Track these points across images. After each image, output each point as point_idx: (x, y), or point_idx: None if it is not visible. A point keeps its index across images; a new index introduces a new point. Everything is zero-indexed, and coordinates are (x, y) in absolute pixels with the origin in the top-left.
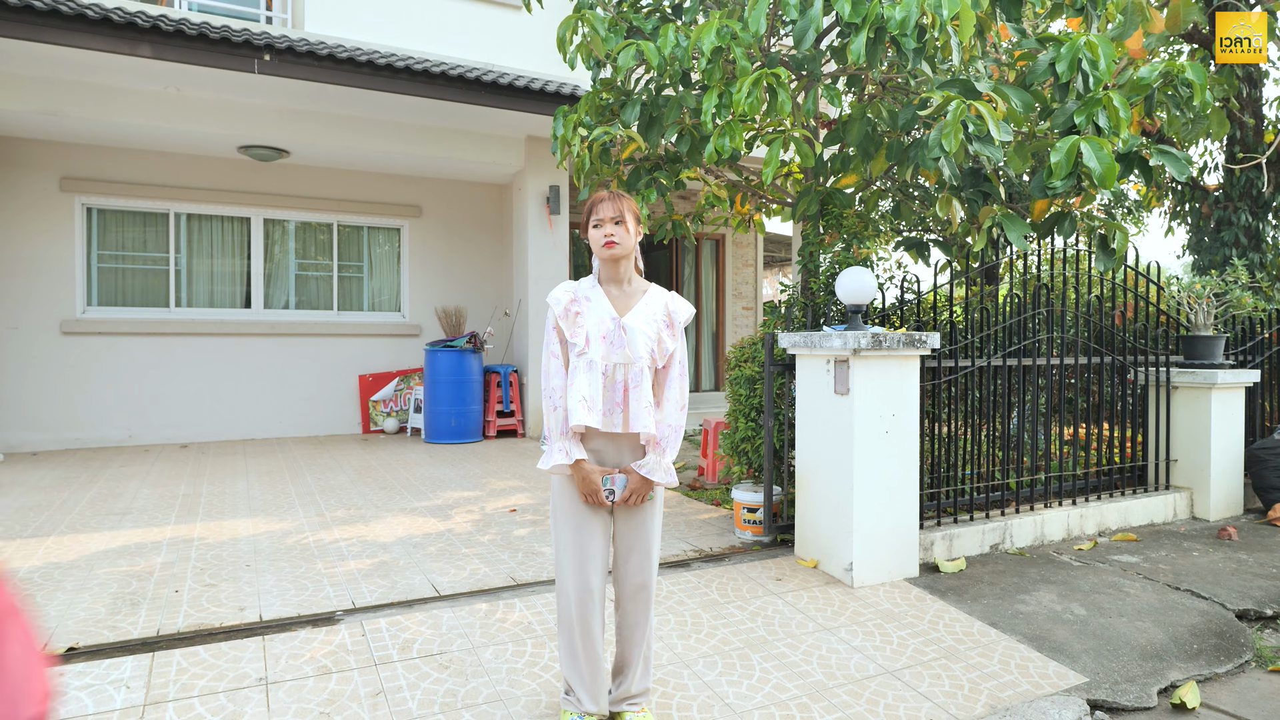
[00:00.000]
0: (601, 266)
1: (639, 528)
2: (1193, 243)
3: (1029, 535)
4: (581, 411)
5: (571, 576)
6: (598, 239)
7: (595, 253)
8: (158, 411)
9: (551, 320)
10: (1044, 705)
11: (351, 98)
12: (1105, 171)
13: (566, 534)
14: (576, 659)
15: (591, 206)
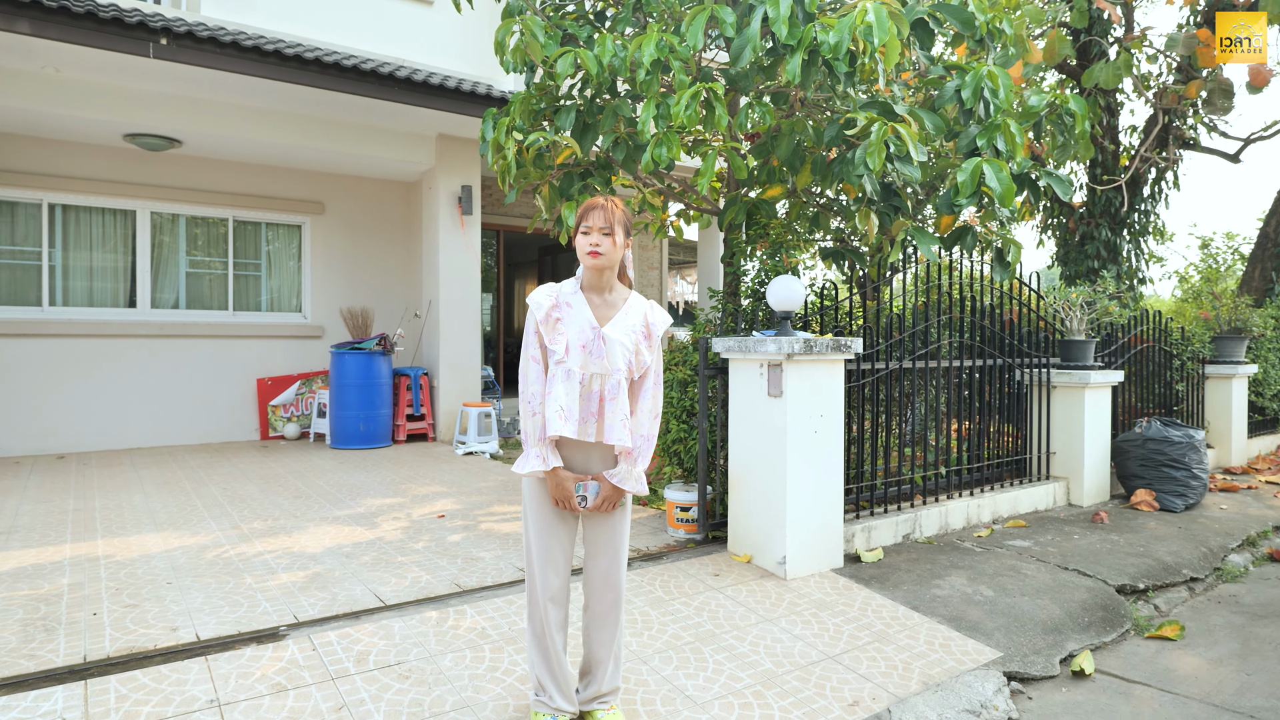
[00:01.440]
0: (585, 273)
1: (609, 531)
2: (1060, 255)
3: (935, 525)
4: (558, 421)
5: (541, 577)
6: (584, 246)
7: (580, 259)
8: (28, 420)
9: (532, 325)
10: (969, 679)
11: (254, 88)
12: (1005, 191)
13: (536, 537)
14: (549, 658)
15: (583, 213)
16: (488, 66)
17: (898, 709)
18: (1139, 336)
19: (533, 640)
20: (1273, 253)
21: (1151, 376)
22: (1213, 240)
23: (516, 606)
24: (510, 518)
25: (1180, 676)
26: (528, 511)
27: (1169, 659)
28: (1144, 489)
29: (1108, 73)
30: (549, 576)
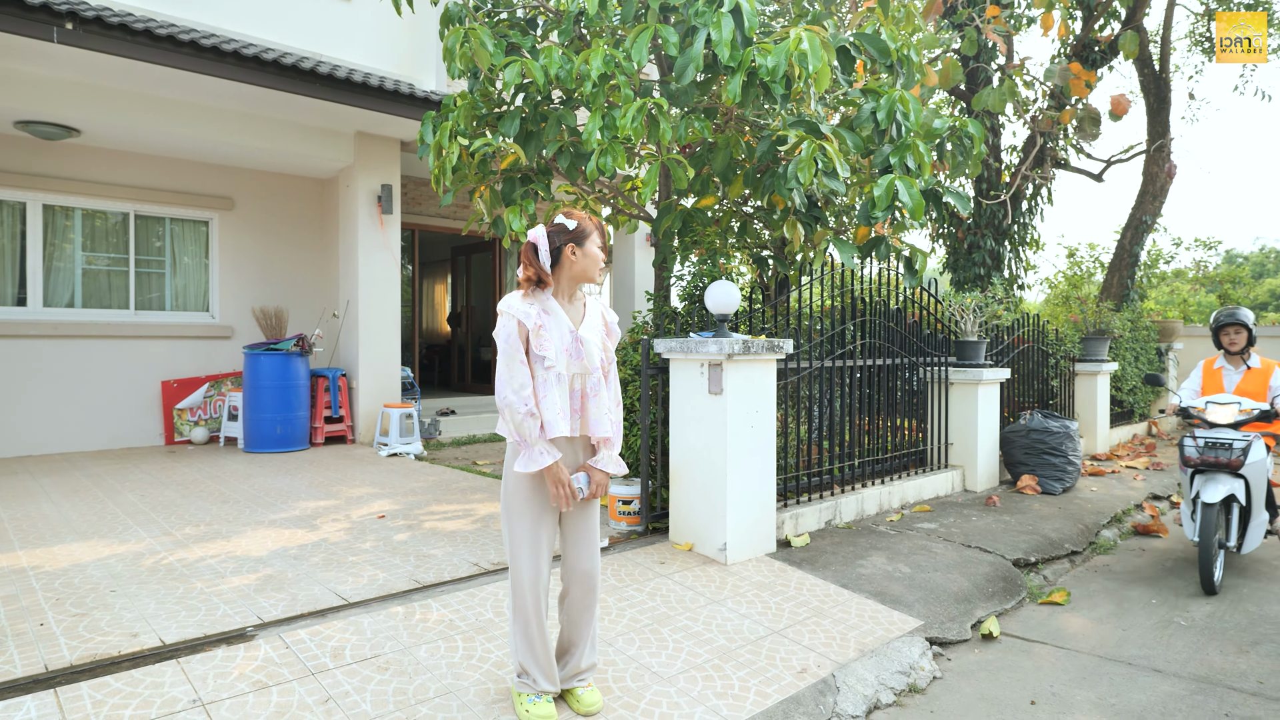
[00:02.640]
0: (568, 282)
1: (587, 519)
2: (949, 262)
3: (853, 511)
4: (560, 422)
5: (529, 569)
6: (599, 258)
7: (584, 270)
8: None
9: (513, 328)
10: (898, 645)
11: (163, 78)
12: (915, 205)
13: (524, 530)
14: (534, 644)
15: (593, 231)
16: (408, 65)
17: (840, 674)
18: (1021, 338)
19: (520, 629)
20: (1128, 262)
21: (1031, 374)
22: (1078, 250)
23: (479, 599)
24: (453, 516)
25: (1070, 634)
26: (515, 508)
27: (1060, 620)
28: (1028, 474)
29: (994, 97)
30: (541, 568)
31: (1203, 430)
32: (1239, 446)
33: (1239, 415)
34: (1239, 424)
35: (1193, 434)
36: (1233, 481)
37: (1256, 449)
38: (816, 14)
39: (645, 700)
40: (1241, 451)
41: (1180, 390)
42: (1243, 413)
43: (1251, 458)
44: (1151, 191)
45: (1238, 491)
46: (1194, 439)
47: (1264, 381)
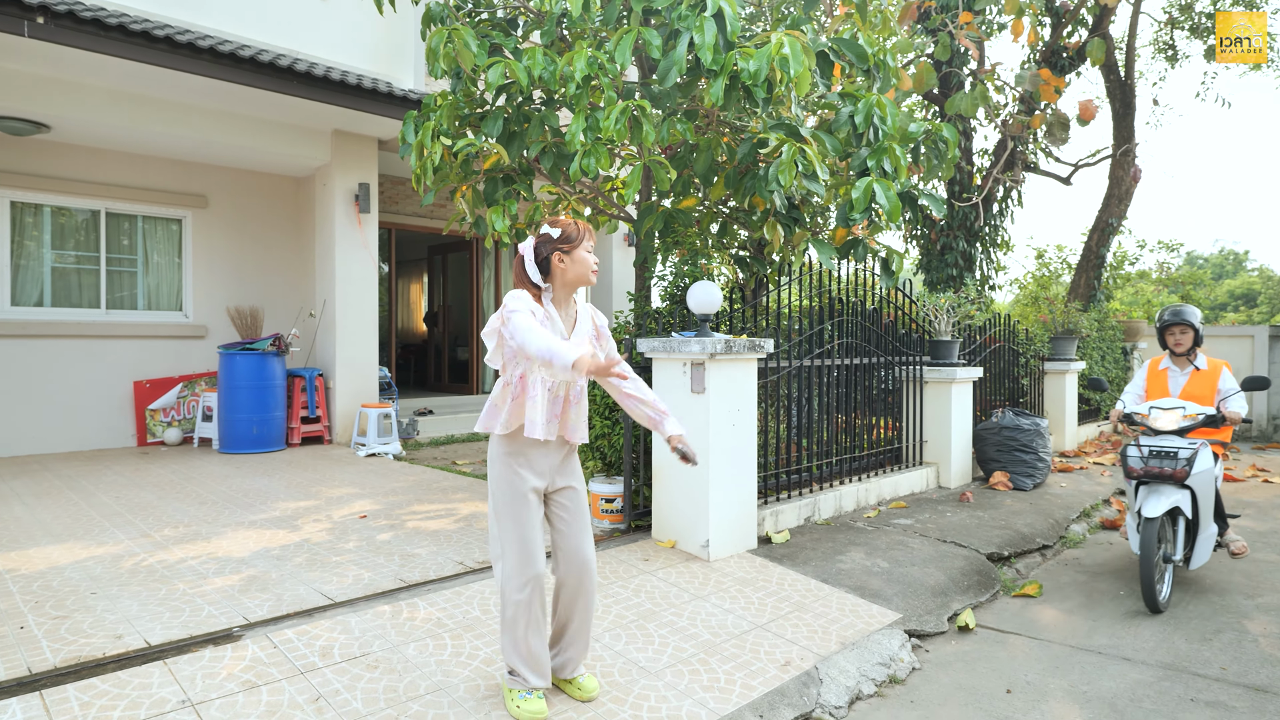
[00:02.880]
0: (562, 289)
1: (582, 510)
2: (923, 263)
3: (831, 508)
4: (539, 426)
5: (521, 563)
6: (590, 262)
7: (577, 275)
8: None
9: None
10: (878, 638)
11: (137, 73)
12: (892, 208)
13: (518, 525)
14: (529, 641)
15: (584, 233)
16: (385, 63)
17: (823, 666)
18: (992, 337)
19: (516, 626)
20: (1094, 263)
21: (1002, 373)
22: (1046, 251)
23: (466, 597)
24: (435, 516)
25: (1043, 625)
26: (503, 503)
27: (1033, 612)
28: (1000, 471)
29: (967, 102)
30: (536, 561)
31: (1147, 437)
32: (1184, 455)
33: (1184, 421)
34: (1185, 430)
35: (1137, 441)
36: (1178, 493)
37: (1203, 457)
38: (796, 18)
39: (634, 694)
40: (1187, 461)
41: (1125, 393)
42: (1188, 418)
43: (1198, 467)
44: (1117, 195)
45: (1183, 504)
46: (1138, 447)
47: (1211, 383)
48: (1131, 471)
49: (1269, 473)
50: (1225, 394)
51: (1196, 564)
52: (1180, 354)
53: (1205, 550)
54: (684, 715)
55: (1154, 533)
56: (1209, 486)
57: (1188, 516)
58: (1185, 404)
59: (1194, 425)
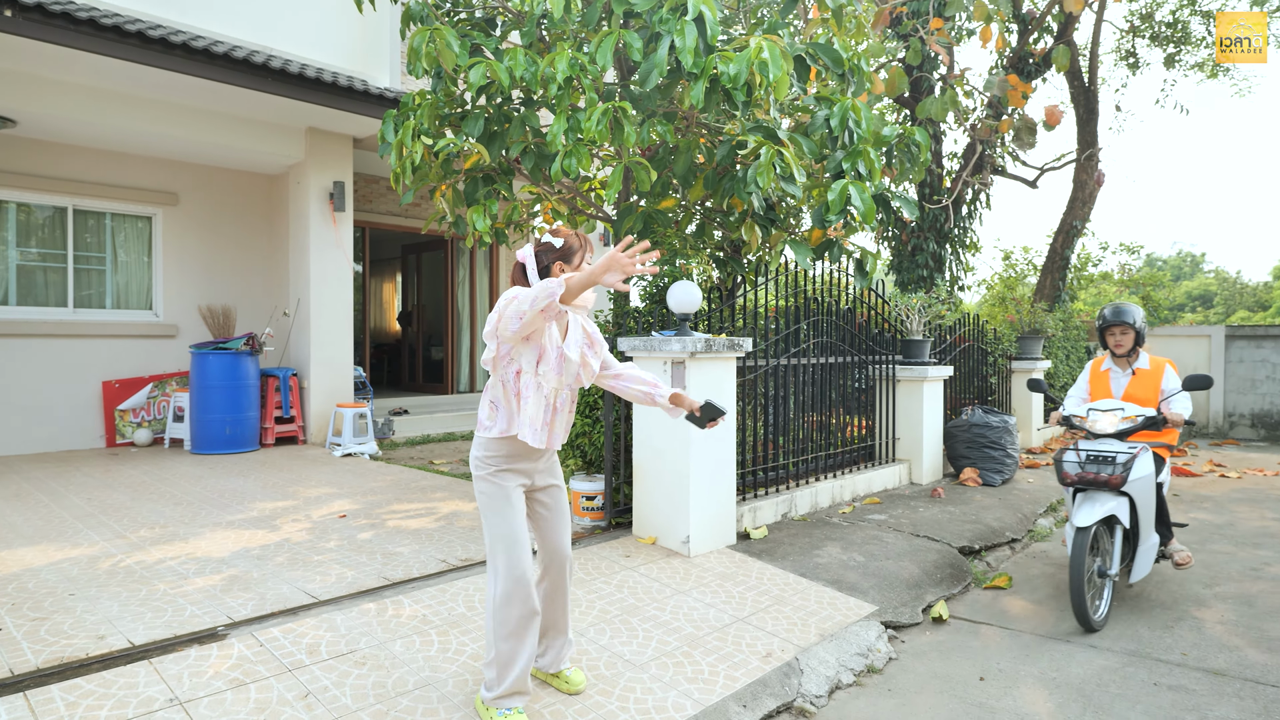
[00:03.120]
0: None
1: (563, 507)
2: (895, 263)
3: (807, 504)
4: (533, 431)
5: (521, 563)
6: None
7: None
8: None
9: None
10: (856, 629)
11: (108, 69)
12: (867, 210)
13: (502, 525)
14: (525, 645)
15: (584, 244)
16: (361, 61)
17: (803, 656)
18: (962, 337)
19: (511, 631)
20: (1059, 265)
21: (971, 371)
22: (1013, 253)
23: (450, 595)
24: (415, 515)
25: (1013, 616)
26: (493, 506)
27: (1003, 603)
28: (970, 467)
29: (937, 106)
30: (525, 558)
31: (1086, 441)
32: (1122, 460)
33: (1123, 423)
34: (1125, 433)
35: (1075, 445)
36: (1114, 500)
37: (1143, 462)
38: (773, 23)
39: (620, 686)
40: (1124, 466)
41: (1068, 395)
42: (1127, 420)
43: (1136, 472)
44: (1081, 198)
45: (1120, 512)
46: (1075, 451)
47: (1154, 384)
48: (1065, 478)
49: (1225, 468)
50: (1167, 394)
51: (1137, 576)
52: (1121, 355)
53: (1146, 562)
54: (669, 706)
55: (1085, 544)
56: (1149, 493)
57: (1125, 526)
58: (1125, 405)
59: (1134, 428)
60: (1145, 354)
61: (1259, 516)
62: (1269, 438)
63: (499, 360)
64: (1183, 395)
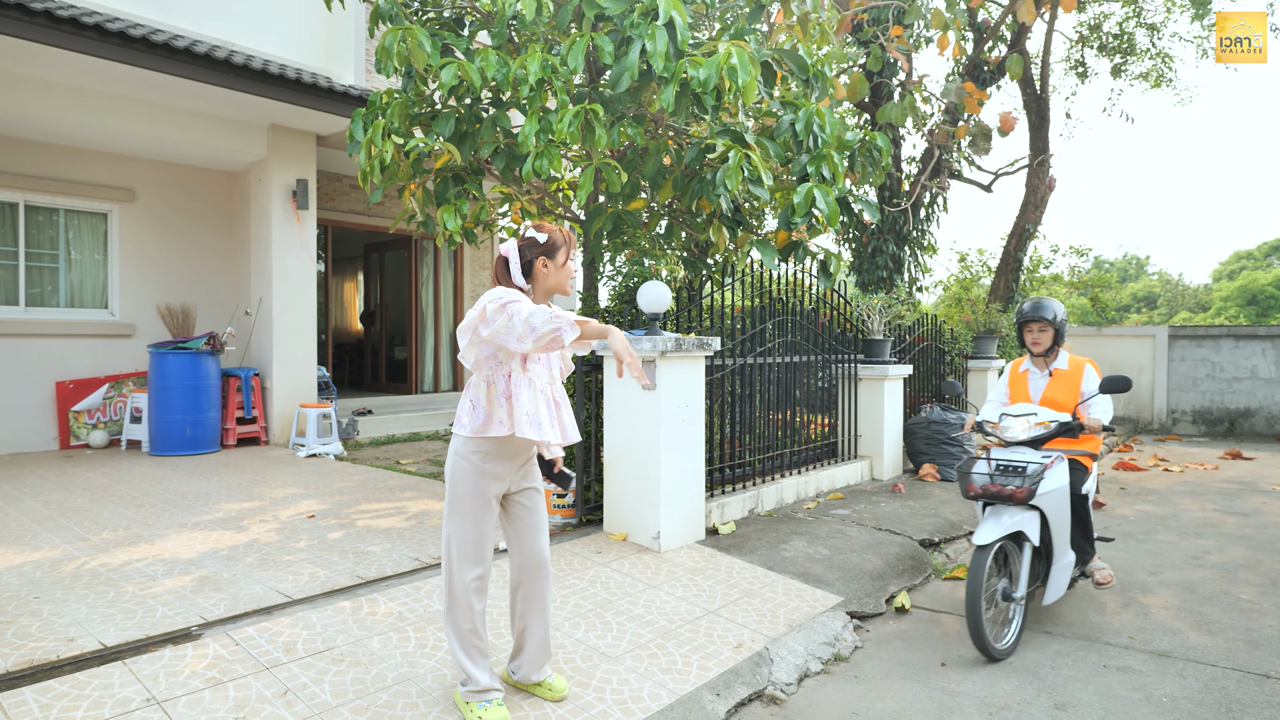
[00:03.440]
0: (541, 296)
1: (541, 510)
2: (855, 264)
3: (773, 500)
4: (534, 429)
5: (473, 566)
6: (571, 270)
7: (557, 283)
8: None
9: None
10: (823, 619)
11: (62, 62)
12: (831, 213)
13: (470, 527)
14: (480, 638)
15: (566, 243)
16: (324, 58)
17: (773, 646)
18: (921, 336)
19: (462, 627)
20: (1012, 267)
21: (930, 370)
22: (969, 255)
23: (425, 592)
24: (385, 514)
25: None
26: (464, 504)
27: (962, 593)
28: (929, 463)
29: (897, 111)
30: (484, 562)
31: (999, 450)
32: (1032, 470)
33: (1035, 430)
34: (1038, 440)
35: (986, 454)
36: (1021, 515)
37: (1056, 473)
38: (739, 28)
39: (596, 678)
40: (1032, 477)
41: (987, 400)
42: (1040, 426)
43: (1048, 484)
44: (1033, 202)
45: (1029, 528)
46: (986, 461)
47: (1073, 385)
48: (968, 490)
49: (1168, 462)
50: (1086, 397)
51: (1051, 598)
52: (1039, 354)
53: (1061, 582)
54: (645, 696)
55: (984, 564)
56: (1063, 507)
57: (1034, 543)
58: (1039, 410)
59: (1047, 434)
60: (1065, 354)
61: (1200, 508)
62: (1209, 433)
63: (483, 361)
64: (1101, 399)
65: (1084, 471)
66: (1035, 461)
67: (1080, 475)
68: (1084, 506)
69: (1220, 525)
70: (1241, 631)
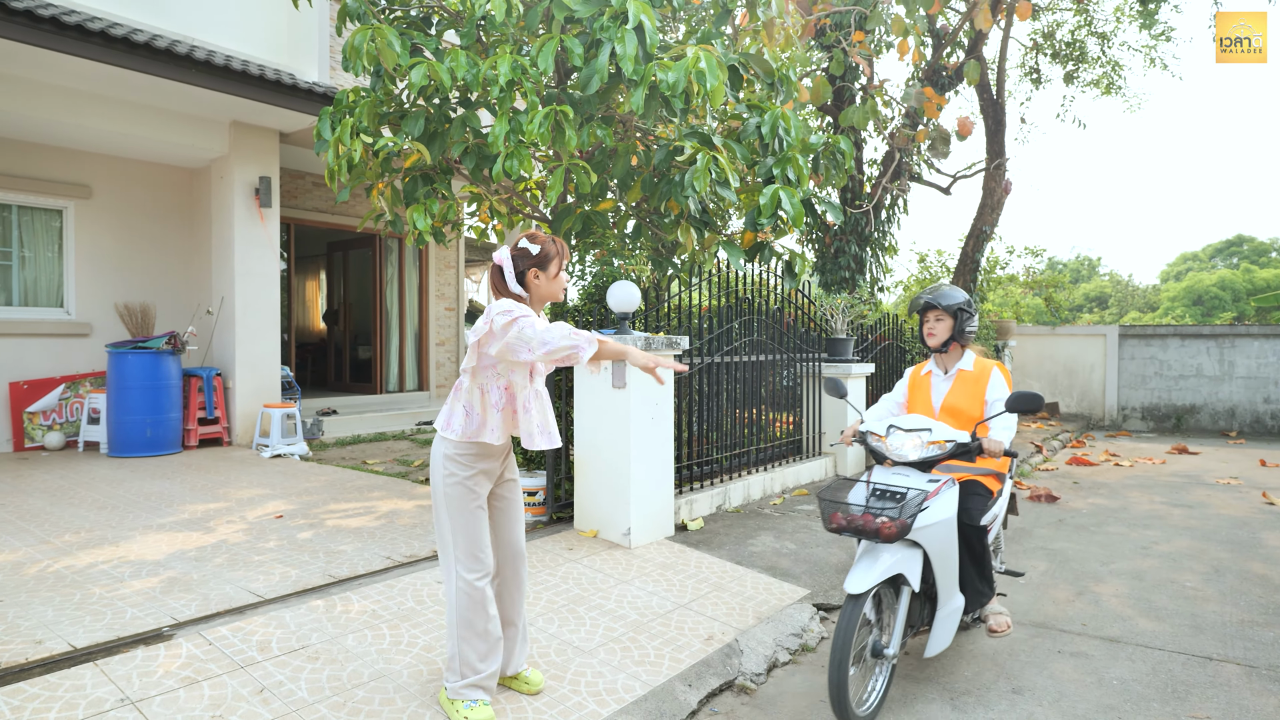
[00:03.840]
0: (537, 304)
1: (518, 502)
2: (818, 265)
3: (740, 496)
4: (546, 438)
5: (477, 564)
6: (561, 284)
7: (549, 293)
8: None
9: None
10: (790, 611)
11: (16, 55)
12: (796, 214)
13: (465, 529)
14: (489, 637)
15: (560, 253)
16: (287, 55)
17: (743, 638)
18: (883, 335)
19: (473, 626)
20: (970, 267)
21: (891, 369)
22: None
23: (399, 590)
24: (354, 514)
25: None
26: (457, 507)
27: None
28: None
29: (859, 115)
30: (488, 559)
31: (880, 472)
32: (912, 498)
33: (927, 449)
34: (931, 461)
35: (869, 475)
36: (902, 554)
37: (942, 502)
38: (707, 32)
39: (571, 671)
40: (909, 508)
41: (879, 402)
42: (934, 445)
43: (930, 516)
44: (990, 204)
45: (908, 569)
46: (866, 484)
47: (978, 393)
48: (829, 521)
49: (1119, 457)
50: (990, 412)
51: (933, 650)
52: (934, 346)
53: (945, 632)
54: (619, 688)
55: (855, 618)
56: (949, 542)
57: (914, 588)
58: (933, 426)
59: (941, 455)
60: (970, 354)
61: (1149, 501)
62: (1157, 429)
63: (479, 370)
64: (1006, 419)
65: (986, 497)
66: (915, 488)
67: (979, 502)
68: (981, 540)
69: (1167, 517)
70: (1187, 617)
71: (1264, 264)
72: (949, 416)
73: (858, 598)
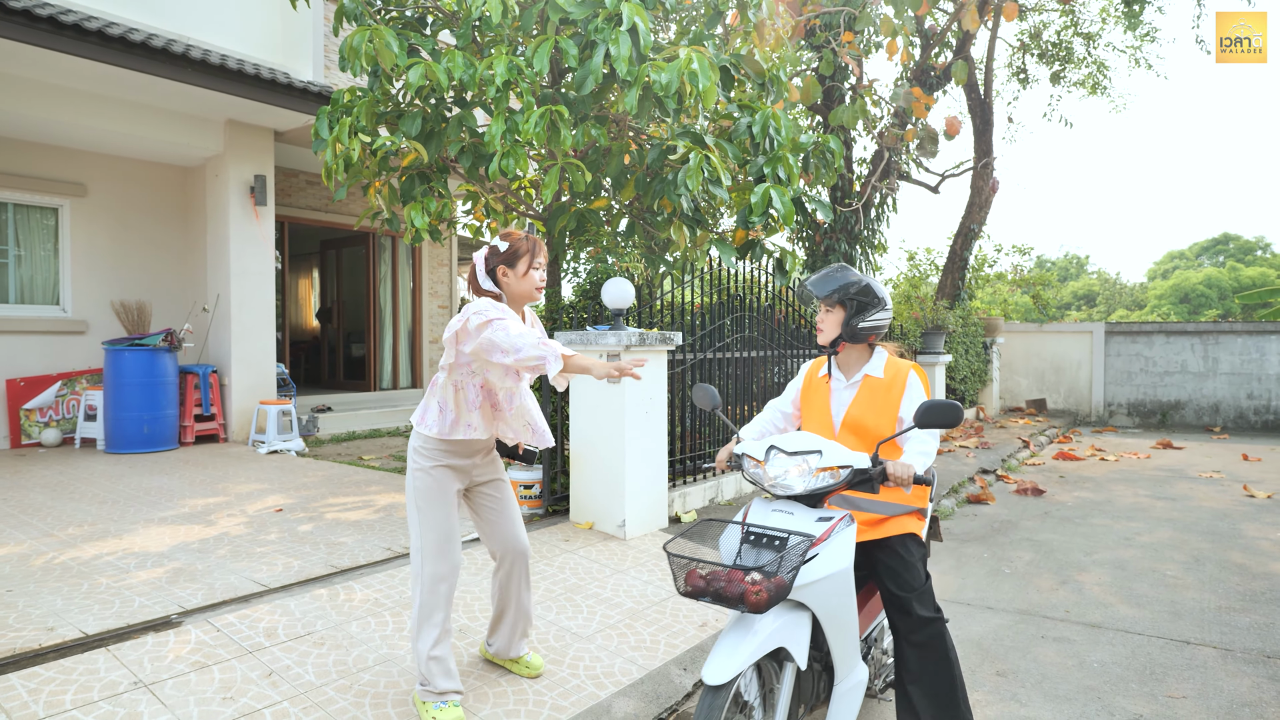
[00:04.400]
0: (511, 302)
1: (510, 500)
2: (808, 262)
3: (733, 490)
4: (544, 438)
5: (443, 559)
6: (535, 279)
7: (522, 292)
8: None
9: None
10: None
11: (12, 53)
12: (786, 212)
13: (434, 524)
14: (448, 635)
15: (532, 249)
16: (282, 54)
17: None
18: None
19: (434, 623)
20: (958, 265)
21: None
22: (917, 254)
23: (399, 579)
24: (353, 507)
25: None
26: (426, 501)
27: None
28: None
29: (848, 114)
30: (454, 554)
31: (759, 506)
32: (795, 548)
33: (816, 479)
34: (823, 492)
35: (744, 515)
36: (784, 619)
37: (835, 549)
38: (698, 34)
39: (569, 656)
40: (793, 562)
41: (765, 409)
42: (824, 472)
43: (818, 569)
44: (978, 203)
45: (792, 642)
46: (740, 526)
47: (890, 405)
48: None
49: (1105, 452)
50: (903, 427)
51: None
52: (824, 344)
53: (848, 709)
54: (617, 671)
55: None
56: (845, 600)
57: (799, 665)
58: (824, 445)
59: (835, 485)
60: (882, 354)
61: (1132, 494)
62: (1143, 424)
63: (455, 367)
64: (920, 435)
65: (916, 552)
66: (800, 532)
67: (907, 563)
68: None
69: (1150, 509)
70: (1166, 604)
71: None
72: (852, 435)
73: (717, 690)
